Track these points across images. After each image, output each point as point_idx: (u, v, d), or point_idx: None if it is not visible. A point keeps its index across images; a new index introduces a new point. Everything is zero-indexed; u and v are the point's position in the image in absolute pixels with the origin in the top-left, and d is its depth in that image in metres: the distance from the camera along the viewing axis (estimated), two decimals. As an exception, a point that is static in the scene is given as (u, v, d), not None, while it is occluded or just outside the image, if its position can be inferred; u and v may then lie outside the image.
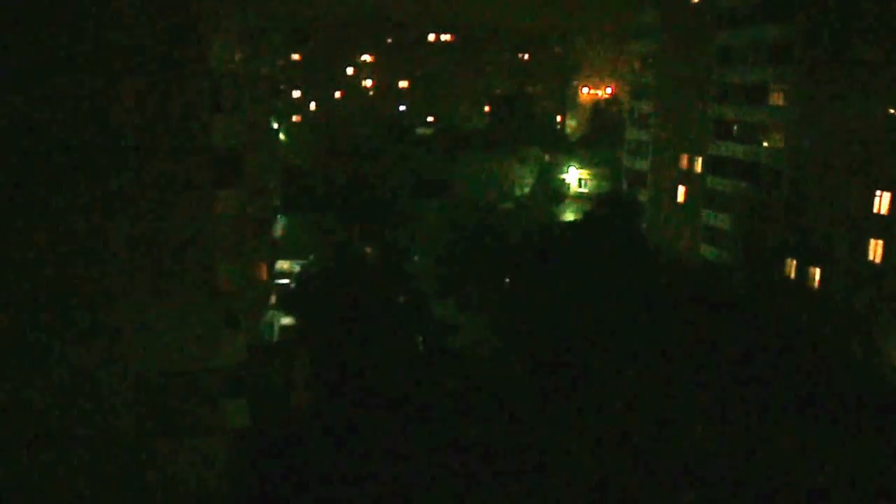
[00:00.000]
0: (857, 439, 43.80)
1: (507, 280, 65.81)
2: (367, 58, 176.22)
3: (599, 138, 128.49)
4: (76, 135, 33.41)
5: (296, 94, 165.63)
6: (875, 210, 55.95)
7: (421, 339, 54.93)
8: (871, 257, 56.36)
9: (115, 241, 34.20)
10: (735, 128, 74.77)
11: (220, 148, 36.24)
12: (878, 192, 55.79)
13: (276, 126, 75.96)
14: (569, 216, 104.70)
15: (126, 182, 34.08)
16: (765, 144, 70.29)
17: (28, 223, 33.43)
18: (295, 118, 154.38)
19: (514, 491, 40.58)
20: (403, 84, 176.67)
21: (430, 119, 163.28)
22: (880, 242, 55.67)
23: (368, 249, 75.11)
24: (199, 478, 36.20)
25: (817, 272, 62.05)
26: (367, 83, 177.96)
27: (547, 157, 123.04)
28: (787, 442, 43.64)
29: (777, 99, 69.05)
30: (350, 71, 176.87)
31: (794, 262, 64.58)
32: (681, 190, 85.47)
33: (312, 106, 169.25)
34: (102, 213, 33.96)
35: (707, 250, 77.80)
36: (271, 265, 62.96)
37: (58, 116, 33.19)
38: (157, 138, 34.15)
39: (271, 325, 58.28)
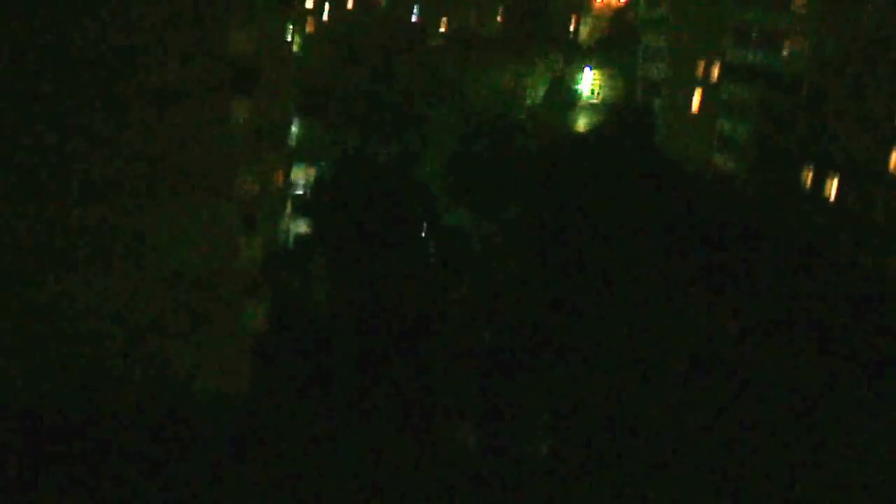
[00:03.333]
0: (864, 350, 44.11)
1: (518, 188, 65.64)
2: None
3: (615, 45, 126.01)
4: (93, 42, 33.40)
5: (308, 3, 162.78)
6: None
7: (433, 245, 55.31)
8: (892, 167, 55.51)
9: (136, 145, 34.49)
10: (755, 34, 73.18)
11: (236, 57, 36.13)
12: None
13: (290, 35, 74.88)
14: (581, 124, 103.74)
15: (144, 90, 34.24)
16: (785, 52, 68.96)
17: (51, 125, 33.77)
18: (308, 27, 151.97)
19: (524, 397, 41.39)
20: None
21: (442, 27, 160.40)
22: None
23: (382, 157, 74.92)
24: (216, 379, 37.12)
25: (834, 183, 61.52)
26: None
27: (560, 64, 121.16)
28: (796, 349, 44.08)
29: (800, 2, 67.36)
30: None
31: (811, 172, 63.97)
32: (696, 97, 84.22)
33: (325, 15, 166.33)
34: (122, 118, 34.18)
35: (721, 160, 77.11)
36: (287, 172, 62.92)
37: (74, 21, 33.12)
38: (173, 46, 34.17)
39: (287, 230, 58.68)
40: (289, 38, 71.90)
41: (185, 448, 34.85)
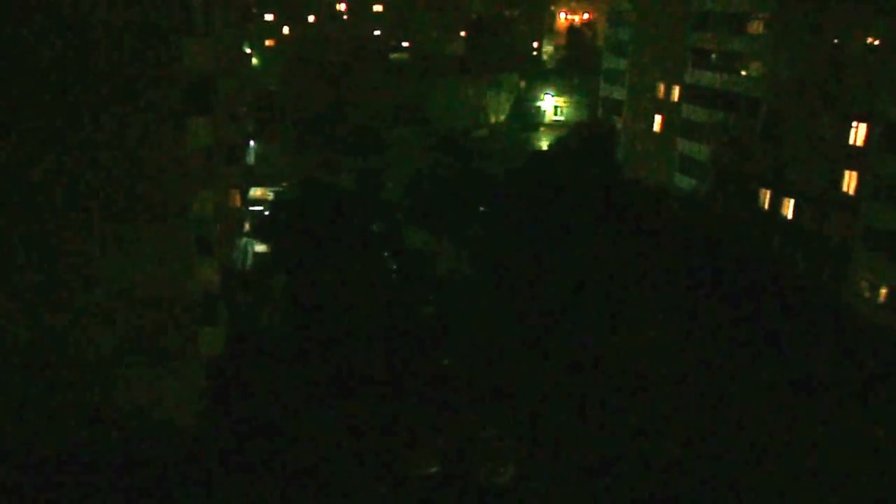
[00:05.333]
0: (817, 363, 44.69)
1: (482, 208, 65.47)
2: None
3: (576, 65, 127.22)
4: (47, 65, 32.65)
5: (269, 17, 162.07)
6: (850, 142, 55.97)
7: (395, 266, 54.77)
8: (844, 189, 56.65)
9: (88, 167, 33.68)
10: (713, 57, 74.19)
11: (191, 73, 35.46)
12: (854, 124, 55.75)
13: (248, 50, 74.47)
14: (544, 144, 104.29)
15: (97, 109, 33.46)
16: (743, 74, 69.92)
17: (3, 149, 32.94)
18: (268, 42, 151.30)
19: (486, 419, 41.02)
20: (378, 8, 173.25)
21: (405, 44, 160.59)
22: (854, 174, 55.87)
23: (342, 176, 74.50)
24: (171, 403, 36.34)
25: (790, 203, 62.37)
26: (341, 6, 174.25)
27: (523, 84, 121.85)
28: (753, 364, 44.46)
29: (757, 28, 68.45)
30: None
31: (768, 192, 64.82)
32: (657, 119, 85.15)
33: (286, 30, 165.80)
34: (76, 140, 33.37)
35: (681, 180, 77.88)
36: (245, 192, 62.41)
37: (29, 44, 32.39)
38: (127, 63, 33.41)
39: (245, 252, 58.02)
40: (248, 53, 71.57)
41: (139, 475, 34.09)
